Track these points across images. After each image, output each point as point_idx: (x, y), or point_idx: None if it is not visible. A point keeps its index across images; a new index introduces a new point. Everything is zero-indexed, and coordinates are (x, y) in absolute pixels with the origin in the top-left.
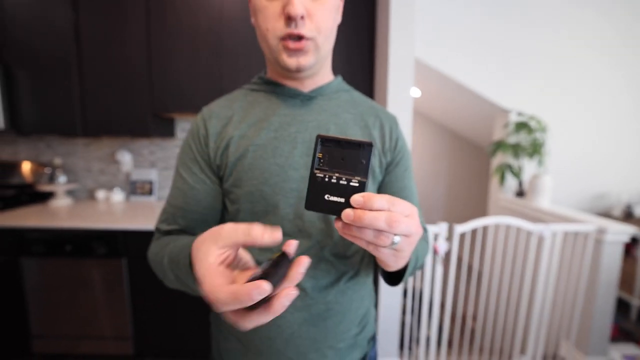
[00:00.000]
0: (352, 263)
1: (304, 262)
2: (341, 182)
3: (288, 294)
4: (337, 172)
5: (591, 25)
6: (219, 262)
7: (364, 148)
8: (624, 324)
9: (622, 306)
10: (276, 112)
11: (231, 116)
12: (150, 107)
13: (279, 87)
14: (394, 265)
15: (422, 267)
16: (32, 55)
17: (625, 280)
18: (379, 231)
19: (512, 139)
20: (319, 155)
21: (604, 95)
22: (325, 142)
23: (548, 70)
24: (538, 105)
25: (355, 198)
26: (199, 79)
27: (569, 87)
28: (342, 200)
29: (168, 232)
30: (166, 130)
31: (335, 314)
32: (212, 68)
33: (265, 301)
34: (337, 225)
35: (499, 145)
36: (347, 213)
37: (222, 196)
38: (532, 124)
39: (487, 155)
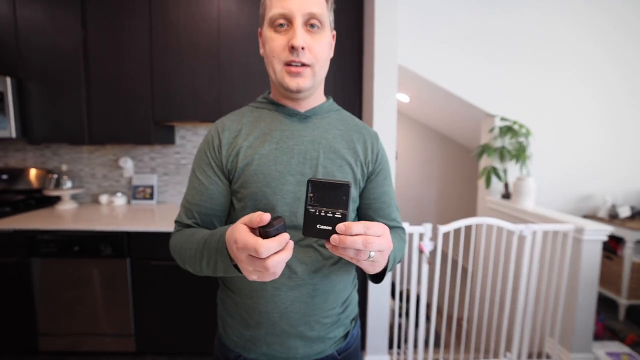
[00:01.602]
0: None
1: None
2: (328, 214)
3: (291, 242)
4: (325, 207)
5: (574, 35)
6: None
7: (342, 188)
8: (612, 323)
9: (610, 306)
10: (278, 127)
11: (240, 129)
12: (152, 116)
13: (280, 107)
14: (372, 271)
15: (400, 262)
16: (44, 69)
17: (613, 280)
18: (358, 250)
19: (498, 143)
20: (311, 195)
21: (587, 101)
22: (315, 185)
23: (532, 77)
24: (523, 110)
25: (339, 226)
26: (198, 90)
27: (553, 93)
28: (330, 228)
29: (187, 225)
30: (167, 137)
31: (321, 294)
32: (211, 80)
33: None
34: (328, 246)
35: (484, 149)
36: (334, 238)
37: (230, 195)
38: (516, 128)
39: (475, 158)
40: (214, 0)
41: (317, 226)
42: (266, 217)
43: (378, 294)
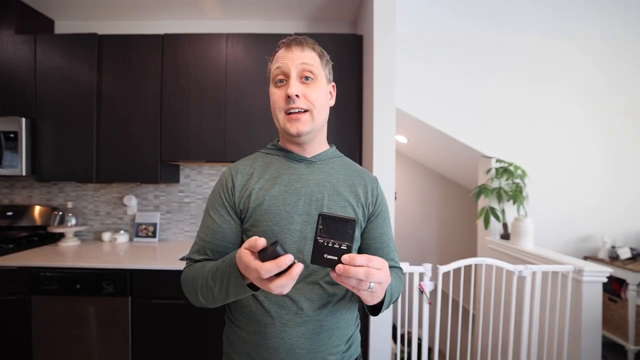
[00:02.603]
0: (340, 289)
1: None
2: (335, 245)
3: (299, 265)
4: (332, 239)
5: (570, 76)
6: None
7: (349, 222)
8: None
9: (618, 351)
10: (286, 171)
11: (252, 173)
12: (159, 156)
13: (288, 153)
14: (370, 301)
15: (397, 300)
16: (57, 110)
17: (619, 324)
18: (360, 280)
19: (495, 184)
20: (320, 226)
21: (584, 142)
22: (325, 219)
23: (529, 118)
24: (520, 151)
25: (344, 257)
26: (204, 131)
27: (550, 134)
28: (336, 258)
29: (198, 262)
30: (172, 176)
31: (326, 330)
32: (216, 122)
33: (285, 272)
34: (332, 274)
35: (482, 190)
36: (338, 267)
37: (241, 234)
38: (511, 169)
39: (474, 198)
40: (222, 48)
41: (325, 255)
42: (260, 243)
43: (379, 337)
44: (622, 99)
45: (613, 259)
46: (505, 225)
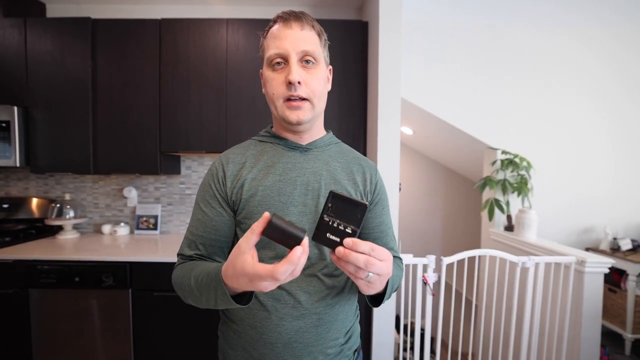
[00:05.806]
0: (339, 281)
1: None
2: (340, 227)
3: (298, 248)
4: (339, 220)
5: (577, 67)
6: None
7: (359, 207)
8: (618, 357)
9: (616, 340)
10: (281, 160)
11: (244, 162)
12: (159, 146)
13: (282, 140)
14: (367, 291)
15: (396, 290)
16: (51, 98)
17: (618, 314)
18: (358, 267)
19: (500, 176)
20: (329, 205)
21: (589, 135)
22: (335, 197)
23: (535, 110)
24: (525, 143)
25: (347, 241)
26: (204, 121)
27: (555, 127)
28: (338, 240)
29: (190, 257)
30: (173, 167)
31: (324, 323)
32: (217, 111)
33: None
34: (332, 256)
35: (487, 181)
36: (338, 250)
37: (234, 226)
38: (517, 161)
39: (478, 191)
40: (223, 33)
41: (327, 235)
42: (258, 230)
43: (383, 327)
44: (626, 93)
45: (614, 250)
46: (509, 217)
